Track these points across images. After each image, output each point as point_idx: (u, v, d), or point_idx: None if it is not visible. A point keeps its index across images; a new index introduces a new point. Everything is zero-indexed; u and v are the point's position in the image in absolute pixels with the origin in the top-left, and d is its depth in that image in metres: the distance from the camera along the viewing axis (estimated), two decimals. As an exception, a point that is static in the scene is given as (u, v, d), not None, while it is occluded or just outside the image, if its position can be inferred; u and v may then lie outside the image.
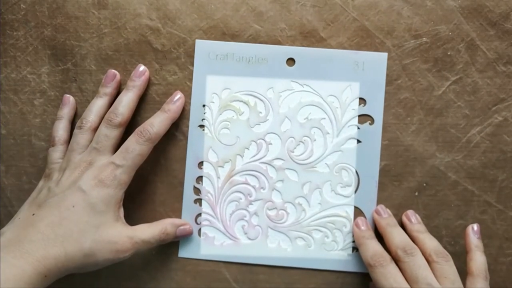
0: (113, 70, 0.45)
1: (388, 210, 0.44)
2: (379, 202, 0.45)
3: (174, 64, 0.46)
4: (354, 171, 0.45)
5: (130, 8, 0.46)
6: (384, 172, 0.45)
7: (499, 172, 0.45)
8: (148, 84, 0.46)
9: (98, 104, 0.44)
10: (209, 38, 0.46)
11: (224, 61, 0.45)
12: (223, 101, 0.46)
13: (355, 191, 0.45)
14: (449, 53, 0.45)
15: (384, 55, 0.45)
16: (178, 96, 0.45)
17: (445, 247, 0.45)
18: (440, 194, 0.45)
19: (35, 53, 0.46)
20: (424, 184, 0.45)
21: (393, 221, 0.44)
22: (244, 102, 0.46)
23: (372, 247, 0.42)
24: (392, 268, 0.39)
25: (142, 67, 0.45)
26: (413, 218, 0.44)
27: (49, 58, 0.46)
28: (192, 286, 0.46)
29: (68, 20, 0.46)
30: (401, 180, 0.45)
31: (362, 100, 0.45)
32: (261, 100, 0.46)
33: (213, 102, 0.46)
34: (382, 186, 0.45)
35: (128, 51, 0.46)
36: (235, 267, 0.46)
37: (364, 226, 0.44)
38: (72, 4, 0.46)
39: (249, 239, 0.45)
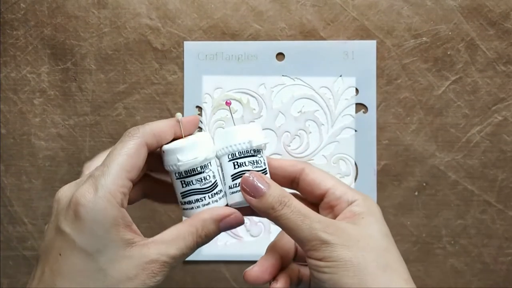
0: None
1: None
2: (379, 202, 0.45)
3: (174, 64, 0.46)
4: (352, 160, 0.45)
5: (130, 7, 0.46)
6: (384, 171, 0.45)
7: (499, 172, 0.45)
8: (148, 83, 0.46)
9: None
10: (209, 38, 0.46)
11: (214, 61, 0.46)
12: (215, 100, 0.46)
13: (355, 180, 0.45)
14: (449, 53, 0.45)
15: (373, 42, 0.45)
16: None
17: (444, 247, 0.45)
18: (440, 194, 0.45)
19: (34, 52, 0.46)
20: (424, 184, 0.45)
21: None
22: (237, 100, 0.46)
23: None
24: None
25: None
26: None
27: (49, 57, 0.46)
28: (192, 285, 0.46)
29: (68, 19, 0.46)
30: (401, 179, 0.45)
31: (354, 90, 0.46)
32: (254, 97, 0.46)
33: (206, 103, 0.46)
34: (382, 186, 0.45)
35: (128, 50, 0.46)
36: (235, 267, 0.46)
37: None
38: (72, 3, 0.46)
39: (252, 236, 0.45)
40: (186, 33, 0.46)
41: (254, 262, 0.46)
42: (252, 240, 0.45)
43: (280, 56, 0.46)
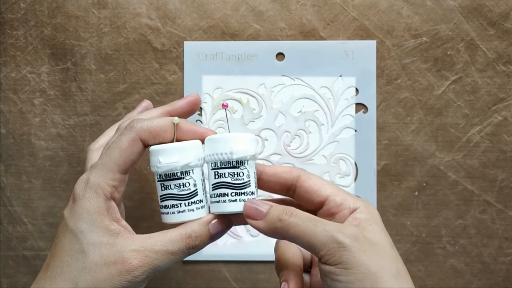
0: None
1: None
2: (379, 202, 0.45)
3: (174, 64, 0.46)
4: (352, 160, 0.45)
5: (130, 7, 0.46)
6: (383, 171, 0.45)
7: (499, 172, 0.45)
8: (148, 83, 0.46)
9: None
10: (209, 38, 0.46)
11: (214, 60, 0.46)
12: (215, 100, 0.46)
13: (355, 180, 0.45)
14: (449, 53, 0.45)
15: (373, 42, 0.45)
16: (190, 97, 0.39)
17: (444, 247, 0.45)
18: (440, 194, 0.45)
19: (34, 52, 0.46)
20: (424, 184, 0.45)
21: None
22: (237, 100, 0.46)
23: None
24: None
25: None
26: None
27: (49, 57, 0.46)
28: (192, 285, 0.46)
29: (68, 19, 0.46)
30: (401, 179, 0.45)
31: (354, 90, 0.46)
32: (254, 96, 0.46)
33: (206, 103, 0.46)
34: (382, 186, 0.45)
35: (128, 50, 0.46)
36: (235, 267, 0.46)
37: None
38: (72, 3, 0.46)
39: (252, 236, 0.45)
40: (186, 33, 0.46)
41: (254, 262, 0.46)
42: (252, 240, 0.45)
43: (280, 56, 0.46)
